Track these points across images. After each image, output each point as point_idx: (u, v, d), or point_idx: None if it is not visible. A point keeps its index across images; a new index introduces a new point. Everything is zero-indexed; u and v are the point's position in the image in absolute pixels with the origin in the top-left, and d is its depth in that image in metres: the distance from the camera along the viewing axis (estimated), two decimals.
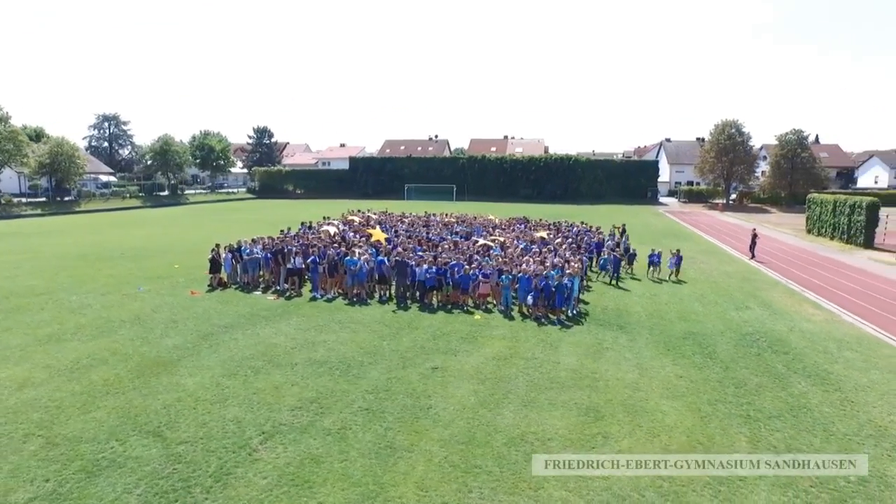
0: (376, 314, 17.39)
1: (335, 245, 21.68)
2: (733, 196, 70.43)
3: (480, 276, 18.40)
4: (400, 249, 21.00)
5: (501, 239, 23.80)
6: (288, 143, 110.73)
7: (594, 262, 24.16)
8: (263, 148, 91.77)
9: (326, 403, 10.89)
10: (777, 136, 66.62)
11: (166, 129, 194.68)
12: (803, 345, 15.13)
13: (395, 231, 27.44)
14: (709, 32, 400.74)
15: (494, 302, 18.52)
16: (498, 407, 10.96)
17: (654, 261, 24.09)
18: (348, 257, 19.32)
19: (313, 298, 19.19)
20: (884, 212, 35.33)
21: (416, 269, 18.52)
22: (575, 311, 17.73)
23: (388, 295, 19.30)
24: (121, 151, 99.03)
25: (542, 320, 16.86)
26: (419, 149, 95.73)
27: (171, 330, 15.42)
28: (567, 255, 20.82)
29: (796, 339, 15.70)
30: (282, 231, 26.97)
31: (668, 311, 18.39)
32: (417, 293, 18.81)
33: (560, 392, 11.72)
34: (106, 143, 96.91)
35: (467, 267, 18.51)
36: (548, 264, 18.89)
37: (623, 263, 24.02)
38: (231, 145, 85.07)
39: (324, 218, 33.53)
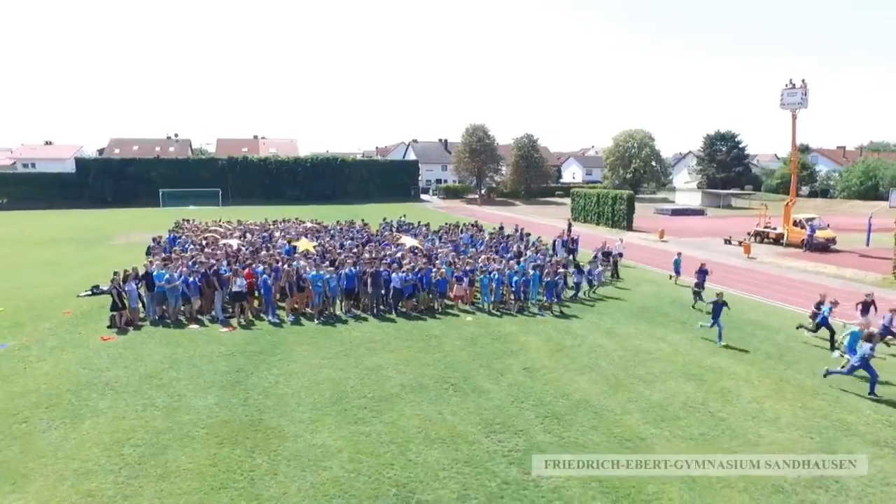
0: (374, 330, 16.01)
1: (289, 260, 18.67)
2: (483, 191, 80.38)
3: (454, 279, 18.42)
4: (342, 258, 19.25)
5: (415, 243, 23.64)
6: None
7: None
8: None
9: (507, 423, 10.33)
10: (514, 139, 78.77)
11: None
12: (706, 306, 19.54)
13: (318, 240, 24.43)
14: (449, 38, 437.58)
15: (465, 302, 18.69)
16: (629, 386, 12.06)
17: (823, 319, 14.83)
18: (314, 272, 17.04)
19: (275, 324, 16.41)
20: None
21: (394, 277, 17.47)
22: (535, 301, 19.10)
23: (351, 309, 17.65)
24: None
25: (524, 312, 17.91)
26: (157, 149, 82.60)
27: (166, 389, 11.71)
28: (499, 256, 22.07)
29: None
30: (160, 248, 21.58)
31: (601, 291, 21.24)
32: (391, 301, 17.76)
33: (643, 367, 13.30)
34: None
35: (442, 271, 18.28)
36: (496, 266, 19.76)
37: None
38: None
39: (171, 232, 27.46)
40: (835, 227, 34.18)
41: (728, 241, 34.69)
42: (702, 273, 19.38)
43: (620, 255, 24.89)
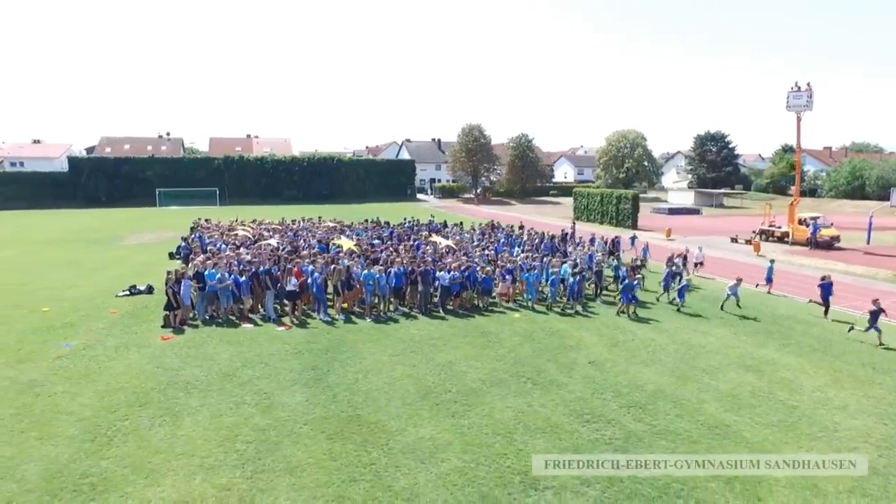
0: (429, 328, 16.30)
1: (336, 259, 18.87)
2: (478, 191, 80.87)
3: (499, 277, 18.79)
4: (393, 257, 19.49)
5: (448, 241, 23.95)
6: None
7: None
8: None
9: (596, 413, 10.79)
10: (509, 138, 79.54)
11: None
12: (760, 301, 20.17)
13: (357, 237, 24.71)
14: (439, 38, 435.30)
15: (507, 300, 19.04)
16: (695, 377, 12.61)
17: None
18: (366, 271, 17.28)
19: (328, 322, 16.60)
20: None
21: (443, 275, 17.75)
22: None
23: (396, 307, 17.89)
24: None
25: (569, 310, 18.25)
26: (149, 148, 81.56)
27: (249, 387, 11.88)
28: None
29: (741, 296, 20.74)
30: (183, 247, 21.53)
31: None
32: (440, 300, 18.05)
33: (700, 359, 13.89)
34: None
35: (488, 269, 18.63)
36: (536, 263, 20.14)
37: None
38: None
39: (194, 232, 27.30)
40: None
41: (735, 240, 35.63)
42: (826, 287, 17.50)
43: (700, 263, 23.70)
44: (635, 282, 18.01)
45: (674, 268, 20.44)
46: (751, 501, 8.01)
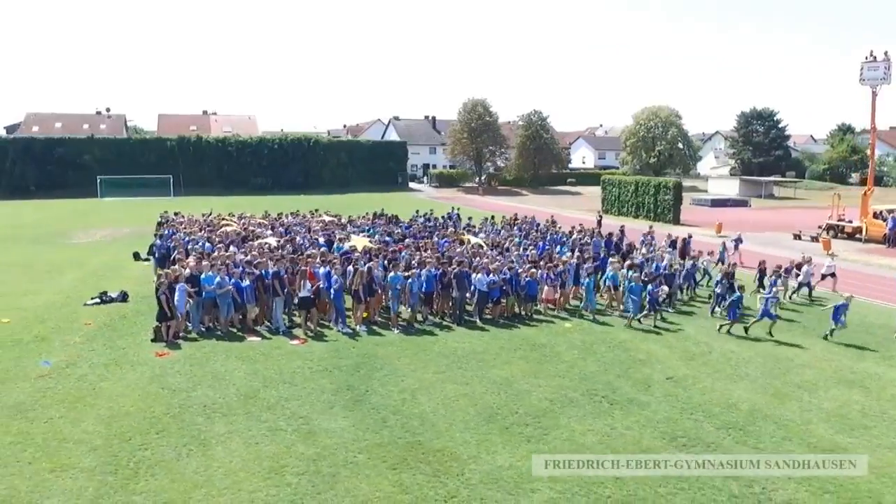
0: (471, 341, 16.66)
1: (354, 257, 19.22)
2: (483, 179, 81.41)
3: (547, 281, 19.13)
4: (416, 255, 19.79)
5: (477, 239, 24.34)
6: None
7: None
8: None
9: (691, 435, 11.21)
10: (520, 116, 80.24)
11: None
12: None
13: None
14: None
15: (554, 307, 19.44)
16: (792, 395, 13.15)
17: None
18: (392, 274, 17.56)
19: (349, 335, 16.87)
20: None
21: (480, 278, 18.04)
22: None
23: (426, 317, 18.24)
24: None
25: (643, 323, 18.30)
26: (86, 126, 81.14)
27: (279, 411, 12.19)
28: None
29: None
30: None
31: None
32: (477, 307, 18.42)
33: (793, 374, 14.42)
34: None
35: (532, 271, 18.97)
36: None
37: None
38: None
39: (163, 227, 27.40)
40: None
41: (798, 237, 36.36)
42: None
43: (824, 276, 22.63)
44: (773, 294, 17.98)
45: (799, 278, 21.22)
46: None
